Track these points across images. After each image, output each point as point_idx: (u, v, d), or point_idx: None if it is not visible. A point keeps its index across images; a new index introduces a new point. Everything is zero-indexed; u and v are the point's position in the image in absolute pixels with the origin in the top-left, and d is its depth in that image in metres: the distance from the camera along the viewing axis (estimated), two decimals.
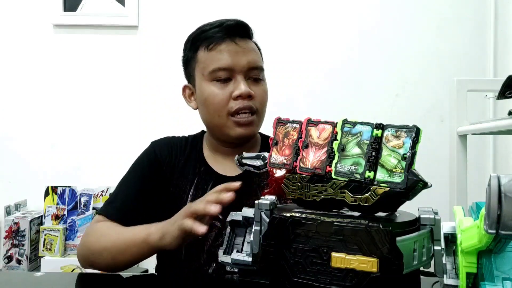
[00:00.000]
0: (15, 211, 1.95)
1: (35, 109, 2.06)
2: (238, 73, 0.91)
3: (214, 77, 0.91)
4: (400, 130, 0.47)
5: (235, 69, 0.90)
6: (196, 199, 0.92)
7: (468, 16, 2.05)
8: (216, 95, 0.90)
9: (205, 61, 0.92)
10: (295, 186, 0.53)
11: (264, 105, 0.95)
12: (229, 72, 0.91)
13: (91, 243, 0.87)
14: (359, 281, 0.44)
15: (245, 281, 0.54)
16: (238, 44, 0.92)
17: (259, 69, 0.94)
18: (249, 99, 0.90)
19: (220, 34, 0.92)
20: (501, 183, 0.38)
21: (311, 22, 2.07)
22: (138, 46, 2.07)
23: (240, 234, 0.57)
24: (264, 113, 0.96)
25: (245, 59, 0.91)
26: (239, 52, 0.91)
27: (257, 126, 0.94)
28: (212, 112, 0.92)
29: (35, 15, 2.06)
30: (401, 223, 0.48)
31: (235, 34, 0.92)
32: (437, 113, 2.01)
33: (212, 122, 0.94)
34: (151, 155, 0.98)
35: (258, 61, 0.94)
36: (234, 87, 0.90)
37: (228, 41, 0.91)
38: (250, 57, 0.92)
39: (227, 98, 0.90)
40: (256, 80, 0.93)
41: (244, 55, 0.91)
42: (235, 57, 0.90)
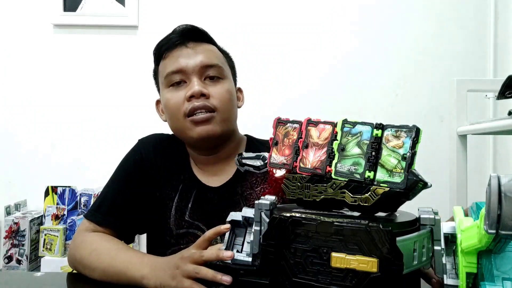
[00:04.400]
0: (15, 211, 1.95)
1: (35, 109, 2.06)
2: (191, 74, 0.89)
3: (169, 82, 0.90)
4: (400, 130, 0.47)
5: (187, 70, 0.89)
6: (180, 206, 0.92)
7: (468, 16, 2.05)
8: (171, 99, 0.89)
9: (162, 69, 0.93)
10: (295, 186, 0.53)
11: (225, 103, 0.90)
12: (182, 75, 0.89)
13: (83, 257, 0.84)
14: (359, 281, 0.44)
15: (245, 281, 0.54)
16: (189, 47, 0.91)
17: (215, 67, 0.91)
18: (204, 98, 0.87)
19: (172, 40, 0.92)
20: (501, 183, 0.38)
21: (311, 22, 2.07)
22: (138, 46, 2.07)
23: (240, 234, 0.58)
24: (227, 111, 0.91)
25: (197, 59, 0.90)
26: (190, 53, 0.90)
27: (218, 124, 0.89)
28: (171, 116, 0.90)
29: (35, 15, 2.06)
30: (401, 223, 0.48)
31: (188, 39, 0.92)
32: (437, 113, 2.01)
33: (174, 128, 0.93)
34: (137, 156, 0.96)
35: (212, 59, 0.91)
36: (188, 89, 0.89)
37: (180, 46, 0.91)
38: (203, 57, 0.90)
39: (182, 100, 0.88)
40: (214, 79, 0.91)
41: (195, 55, 0.90)
42: (185, 59, 0.90)
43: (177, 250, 0.90)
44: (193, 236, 0.91)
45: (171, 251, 0.91)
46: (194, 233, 0.91)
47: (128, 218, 0.92)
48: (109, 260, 0.80)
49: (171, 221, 0.92)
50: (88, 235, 0.89)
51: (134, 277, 0.75)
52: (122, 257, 0.80)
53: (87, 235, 0.89)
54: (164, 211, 0.93)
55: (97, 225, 0.91)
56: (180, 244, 0.91)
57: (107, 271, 0.80)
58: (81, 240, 0.89)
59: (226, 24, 2.02)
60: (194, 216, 0.92)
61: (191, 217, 0.92)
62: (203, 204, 0.93)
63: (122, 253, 0.81)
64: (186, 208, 0.92)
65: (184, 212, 0.92)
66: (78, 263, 0.86)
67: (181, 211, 0.92)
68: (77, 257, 0.86)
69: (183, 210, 0.92)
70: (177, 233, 0.92)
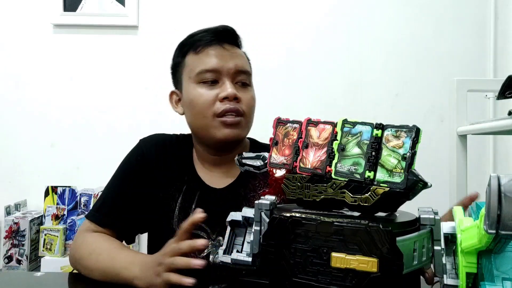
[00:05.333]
0: (15, 211, 1.95)
1: (35, 109, 2.06)
2: (225, 76, 0.90)
3: (201, 79, 0.90)
4: (400, 130, 0.47)
5: (222, 71, 0.90)
6: (183, 207, 0.93)
7: (468, 16, 2.05)
8: (202, 96, 0.89)
9: (193, 64, 0.92)
10: (295, 186, 0.53)
11: (251, 110, 0.93)
12: (216, 74, 0.90)
13: (83, 258, 0.85)
14: (359, 281, 0.44)
15: (245, 281, 0.54)
16: (225, 48, 0.92)
17: (246, 73, 0.93)
18: (236, 101, 0.89)
19: (208, 38, 0.92)
20: (501, 183, 0.38)
21: (311, 22, 2.07)
22: (138, 46, 2.07)
23: (240, 234, 0.57)
24: (251, 117, 0.94)
25: (232, 63, 0.91)
26: (227, 55, 0.91)
27: (243, 129, 0.92)
28: (197, 113, 0.90)
29: (35, 15, 2.06)
30: (401, 223, 0.48)
31: (223, 39, 0.93)
32: (437, 113, 2.01)
33: (197, 124, 0.92)
34: (139, 156, 0.96)
35: (245, 66, 0.93)
36: (220, 89, 0.89)
37: (216, 45, 0.92)
38: (238, 61, 0.92)
39: (213, 99, 0.89)
40: (244, 85, 0.93)
41: (231, 58, 0.91)
42: (222, 60, 0.90)
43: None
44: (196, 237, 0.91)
45: None
46: (197, 233, 0.91)
47: (129, 218, 0.92)
48: (106, 261, 0.81)
49: (174, 222, 0.92)
50: (88, 236, 0.90)
51: (128, 278, 0.76)
52: (118, 258, 0.80)
53: (87, 236, 0.90)
54: (167, 212, 0.93)
55: (98, 225, 0.92)
56: None
57: (105, 272, 0.81)
58: (82, 241, 0.89)
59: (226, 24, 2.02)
60: None
61: None
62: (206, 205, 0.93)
63: (118, 254, 0.82)
64: (190, 209, 0.93)
65: (188, 212, 0.92)
66: (78, 263, 0.87)
67: (184, 211, 0.93)
68: (77, 257, 0.87)
69: (186, 211, 0.93)
70: None
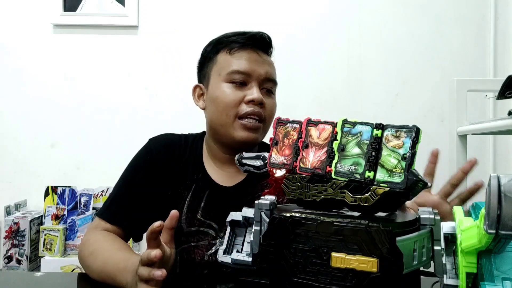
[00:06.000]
0: (15, 211, 1.95)
1: (35, 109, 2.06)
2: (254, 80, 0.93)
3: (230, 79, 0.93)
4: (400, 130, 0.47)
5: (252, 75, 0.93)
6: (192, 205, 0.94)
7: (468, 16, 2.05)
8: (228, 95, 0.92)
9: (224, 62, 0.94)
10: (295, 186, 0.53)
11: (272, 117, 0.96)
12: (245, 77, 0.92)
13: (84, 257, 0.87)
14: (359, 281, 0.44)
15: (245, 281, 0.54)
16: (259, 54, 0.95)
17: (273, 82, 0.97)
18: (260, 106, 0.92)
19: (244, 41, 0.95)
20: (501, 183, 0.38)
21: (311, 22, 2.07)
22: (138, 46, 2.07)
23: (240, 234, 0.57)
24: (270, 124, 0.96)
25: (263, 69, 0.94)
26: (259, 61, 0.94)
27: (261, 134, 0.95)
28: (221, 110, 0.92)
29: (35, 15, 2.06)
30: (401, 223, 0.48)
31: (258, 45, 0.96)
32: (437, 113, 2.01)
33: (218, 121, 0.94)
34: (148, 155, 0.97)
35: (273, 74, 0.97)
36: (248, 92, 0.92)
37: (250, 49, 0.95)
38: (268, 68, 0.95)
39: (239, 100, 0.91)
40: (269, 92, 0.96)
41: (263, 65, 0.94)
42: (254, 65, 0.93)
43: (187, 248, 0.92)
44: (204, 235, 0.92)
45: (181, 248, 0.92)
46: (205, 231, 0.92)
47: (138, 217, 0.93)
48: (103, 263, 0.82)
49: (183, 220, 0.93)
50: (93, 234, 0.91)
51: (121, 283, 0.76)
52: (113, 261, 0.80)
53: (92, 234, 0.91)
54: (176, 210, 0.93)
55: (107, 222, 0.93)
56: (191, 242, 0.92)
57: (101, 274, 0.81)
58: (87, 239, 0.91)
59: (226, 24, 2.02)
60: (206, 215, 0.93)
61: (203, 215, 0.93)
62: (215, 203, 0.94)
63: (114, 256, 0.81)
64: (198, 207, 0.94)
65: (197, 210, 0.94)
66: (81, 261, 0.89)
67: (193, 209, 0.94)
68: (80, 256, 0.89)
69: (195, 209, 0.94)
70: (188, 231, 0.93)
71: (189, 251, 0.92)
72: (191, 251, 0.92)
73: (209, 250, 0.91)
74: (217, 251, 0.90)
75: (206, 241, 0.92)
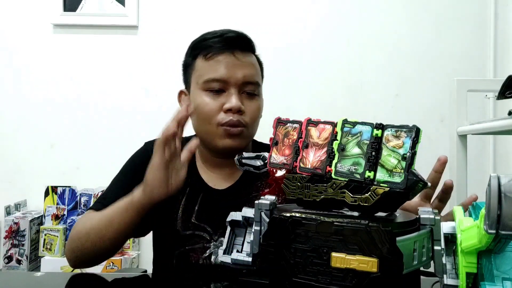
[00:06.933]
0: (15, 211, 1.95)
1: (35, 109, 2.06)
2: (232, 86, 0.90)
3: (207, 87, 0.90)
4: (400, 130, 0.47)
5: (229, 81, 0.90)
6: (186, 209, 0.94)
7: (468, 16, 2.05)
8: (207, 104, 0.90)
9: (201, 70, 0.92)
10: (295, 186, 0.53)
11: (255, 121, 0.93)
12: (223, 84, 0.90)
13: (78, 230, 0.87)
14: (359, 281, 0.44)
15: (245, 281, 0.54)
16: (236, 57, 0.91)
17: (254, 84, 0.93)
18: (239, 113, 0.89)
19: (219, 45, 0.91)
20: (501, 183, 0.38)
21: (311, 22, 2.07)
22: (138, 46, 2.07)
23: (240, 234, 0.57)
24: (254, 128, 0.94)
25: (241, 73, 0.90)
26: (236, 65, 0.90)
27: (246, 139, 0.93)
28: (202, 119, 0.91)
29: (35, 15, 2.06)
30: (401, 223, 0.48)
31: (235, 47, 0.91)
32: (437, 113, 2.01)
33: (201, 130, 0.93)
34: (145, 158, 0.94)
35: (254, 76, 0.93)
36: (226, 99, 0.89)
37: (227, 53, 0.91)
38: (247, 71, 0.91)
39: (218, 109, 0.89)
40: (250, 95, 0.92)
41: (240, 68, 0.90)
42: (231, 70, 0.90)
43: (183, 252, 0.92)
44: (199, 238, 0.92)
45: (177, 252, 0.92)
46: (200, 235, 0.92)
47: None
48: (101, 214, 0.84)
49: (178, 223, 0.93)
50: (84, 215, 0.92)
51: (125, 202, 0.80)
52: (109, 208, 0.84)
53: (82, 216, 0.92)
54: (170, 213, 0.94)
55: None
56: (186, 246, 0.92)
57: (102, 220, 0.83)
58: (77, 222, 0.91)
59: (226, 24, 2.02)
60: (201, 218, 0.93)
61: (197, 219, 0.93)
62: (209, 207, 0.94)
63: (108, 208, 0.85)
64: (193, 211, 0.93)
65: (191, 214, 0.93)
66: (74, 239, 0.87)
67: (187, 213, 0.93)
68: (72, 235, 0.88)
69: (189, 213, 0.93)
70: (183, 235, 0.92)
71: (185, 255, 0.92)
72: (186, 255, 0.91)
73: (204, 253, 0.91)
74: (211, 255, 0.90)
75: (201, 245, 0.91)
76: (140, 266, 1.93)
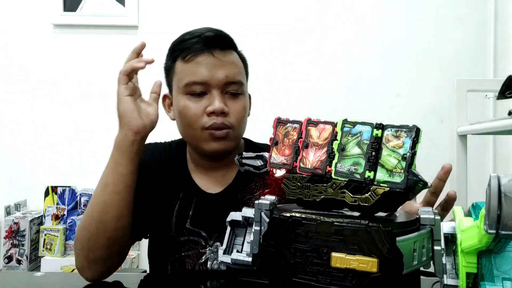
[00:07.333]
0: (15, 211, 1.95)
1: (35, 109, 2.06)
2: (213, 88, 0.87)
3: (189, 91, 0.88)
4: (400, 130, 0.47)
5: (210, 83, 0.87)
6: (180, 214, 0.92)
7: (468, 16, 2.05)
8: (190, 109, 0.87)
9: (181, 73, 0.90)
10: (295, 186, 0.53)
11: (240, 121, 0.90)
12: (204, 86, 0.87)
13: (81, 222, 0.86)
14: (359, 281, 0.44)
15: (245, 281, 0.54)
16: (216, 57, 0.88)
17: (237, 83, 0.89)
18: (223, 115, 0.87)
19: (198, 46, 0.88)
20: (501, 183, 0.38)
21: (311, 22, 2.07)
22: None
23: (240, 234, 0.57)
24: (241, 127, 0.92)
25: (222, 73, 0.87)
26: (217, 65, 0.87)
27: (233, 141, 0.90)
28: (186, 124, 0.89)
29: (35, 15, 2.07)
30: (401, 223, 0.48)
31: (214, 46, 0.88)
32: (437, 113, 2.01)
33: (187, 134, 0.91)
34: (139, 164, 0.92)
35: (236, 75, 0.89)
36: (209, 102, 0.87)
37: (206, 54, 0.87)
38: (228, 71, 0.88)
39: (201, 112, 0.87)
40: (234, 95, 0.89)
41: (221, 68, 0.87)
42: (212, 71, 0.87)
43: (178, 258, 0.90)
44: (194, 243, 0.91)
45: (172, 258, 0.91)
46: (195, 240, 0.91)
47: None
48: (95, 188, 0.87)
49: (172, 229, 0.91)
50: None
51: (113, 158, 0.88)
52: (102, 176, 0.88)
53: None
54: (165, 219, 0.92)
55: None
56: (181, 252, 0.91)
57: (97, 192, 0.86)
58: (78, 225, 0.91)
59: (226, 24, 2.02)
60: (195, 224, 0.92)
61: (192, 224, 0.92)
62: (203, 211, 0.92)
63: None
64: (187, 216, 0.92)
65: (185, 219, 0.92)
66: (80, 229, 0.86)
67: (182, 218, 0.92)
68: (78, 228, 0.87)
69: (184, 218, 0.92)
70: (178, 241, 0.91)
71: (180, 261, 0.90)
72: (182, 261, 0.90)
73: (200, 259, 0.90)
74: (207, 260, 0.89)
75: (196, 250, 0.90)
76: (140, 266, 1.93)
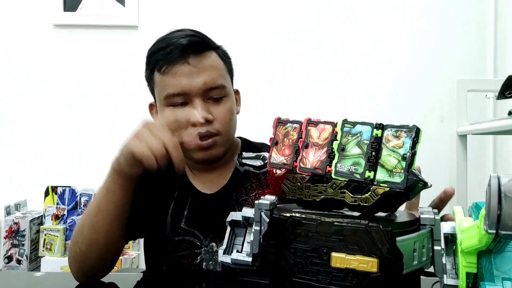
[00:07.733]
0: (15, 211, 1.95)
1: (35, 109, 2.07)
2: (194, 97, 0.84)
3: (170, 103, 0.86)
4: (400, 130, 0.47)
5: (190, 93, 0.84)
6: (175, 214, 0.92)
7: (468, 16, 2.05)
8: (172, 121, 0.86)
9: (160, 85, 0.87)
10: (295, 186, 0.53)
11: (227, 125, 0.88)
12: (184, 97, 0.85)
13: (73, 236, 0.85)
14: (359, 281, 0.44)
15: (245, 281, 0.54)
16: (191, 64, 0.84)
17: (219, 87, 0.86)
18: (208, 123, 0.85)
19: (172, 55, 0.85)
20: (501, 183, 0.38)
21: (311, 22, 2.07)
22: (138, 46, 2.07)
23: (240, 234, 0.57)
24: (229, 131, 0.90)
25: (201, 81, 0.84)
26: (194, 73, 0.84)
27: (222, 146, 0.89)
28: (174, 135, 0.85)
29: (35, 15, 2.07)
30: (401, 223, 0.48)
31: (189, 53, 0.85)
32: (437, 113, 2.01)
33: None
34: None
35: (217, 79, 0.86)
36: (190, 112, 0.85)
37: (181, 62, 0.84)
38: (207, 77, 0.85)
39: (185, 124, 0.85)
40: (217, 100, 0.87)
41: (199, 76, 0.84)
42: (189, 80, 0.84)
43: (173, 258, 0.90)
44: (189, 244, 0.90)
45: (168, 258, 0.91)
46: (190, 240, 0.90)
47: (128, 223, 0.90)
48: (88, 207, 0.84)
49: (167, 229, 0.91)
50: None
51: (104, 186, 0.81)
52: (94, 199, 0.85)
53: None
54: (160, 218, 0.92)
55: None
56: (177, 252, 0.90)
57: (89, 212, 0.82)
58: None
59: (226, 24, 2.02)
60: (190, 224, 0.91)
61: (187, 224, 0.91)
62: (198, 211, 0.92)
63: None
64: (182, 216, 0.92)
65: (180, 219, 0.92)
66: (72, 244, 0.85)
67: (177, 218, 0.92)
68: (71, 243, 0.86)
69: (179, 218, 0.92)
70: (173, 241, 0.91)
71: (175, 261, 0.90)
72: (177, 261, 0.90)
73: (195, 260, 0.89)
74: (202, 261, 0.89)
75: (191, 251, 0.90)
76: (140, 266, 1.93)
